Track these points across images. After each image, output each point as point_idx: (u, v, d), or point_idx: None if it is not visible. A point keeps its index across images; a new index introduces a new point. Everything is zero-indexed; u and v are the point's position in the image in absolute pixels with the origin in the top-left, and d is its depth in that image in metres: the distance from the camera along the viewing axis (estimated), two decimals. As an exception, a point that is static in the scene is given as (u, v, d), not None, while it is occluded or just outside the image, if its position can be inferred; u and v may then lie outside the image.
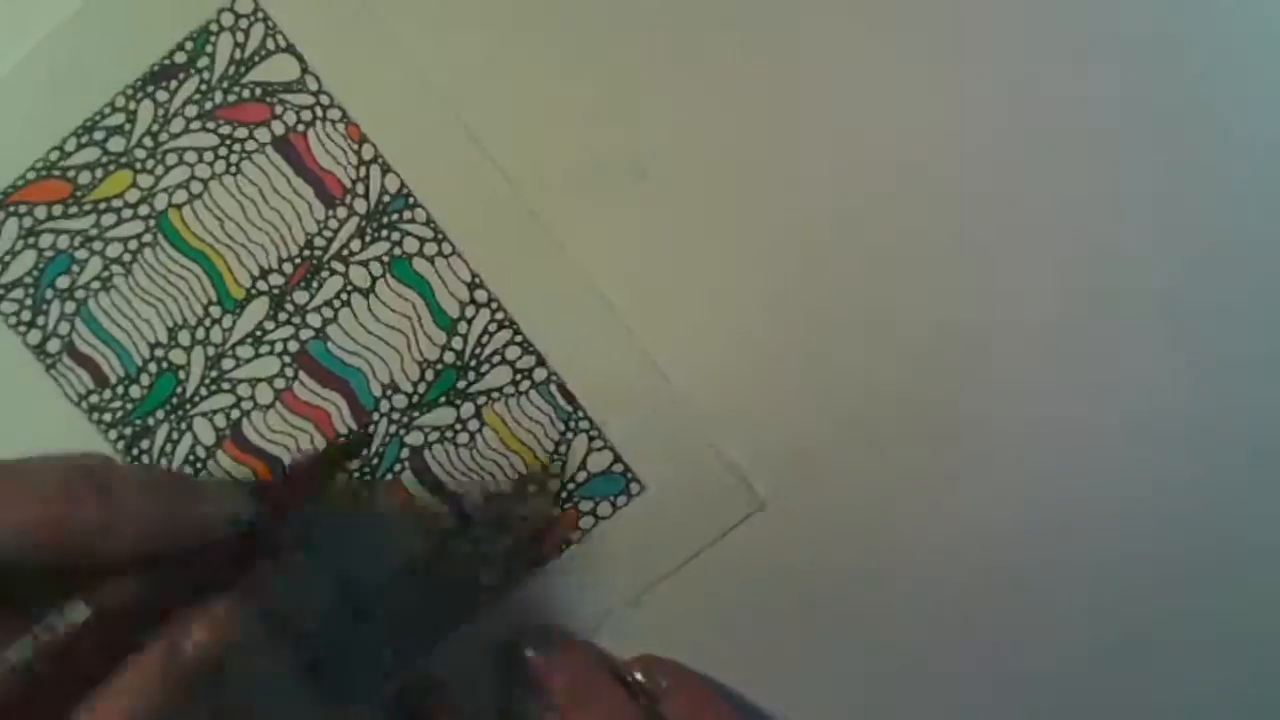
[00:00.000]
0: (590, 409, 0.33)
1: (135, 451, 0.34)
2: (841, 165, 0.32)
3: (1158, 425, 0.33)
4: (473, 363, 0.33)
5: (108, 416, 0.34)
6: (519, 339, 0.33)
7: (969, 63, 0.32)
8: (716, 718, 0.33)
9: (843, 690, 0.34)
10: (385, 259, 0.33)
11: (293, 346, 0.33)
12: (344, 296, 0.33)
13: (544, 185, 0.33)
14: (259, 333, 0.33)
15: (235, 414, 0.34)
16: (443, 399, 0.34)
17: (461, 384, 0.34)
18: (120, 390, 0.34)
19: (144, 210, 0.33)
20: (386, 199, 0.33)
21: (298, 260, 0.33)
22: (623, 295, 0.33)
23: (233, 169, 0.33)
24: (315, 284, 0.33)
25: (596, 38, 0.32)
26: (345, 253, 0.33)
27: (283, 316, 0.33)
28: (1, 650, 0.24)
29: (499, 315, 0.33)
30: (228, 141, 0.33)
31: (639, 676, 0.33)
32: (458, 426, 0.34)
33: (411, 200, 0.33)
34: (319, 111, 0.33)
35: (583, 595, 0.34)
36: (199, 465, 0.34)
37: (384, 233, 0.33)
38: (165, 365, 0.33)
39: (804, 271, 0.33)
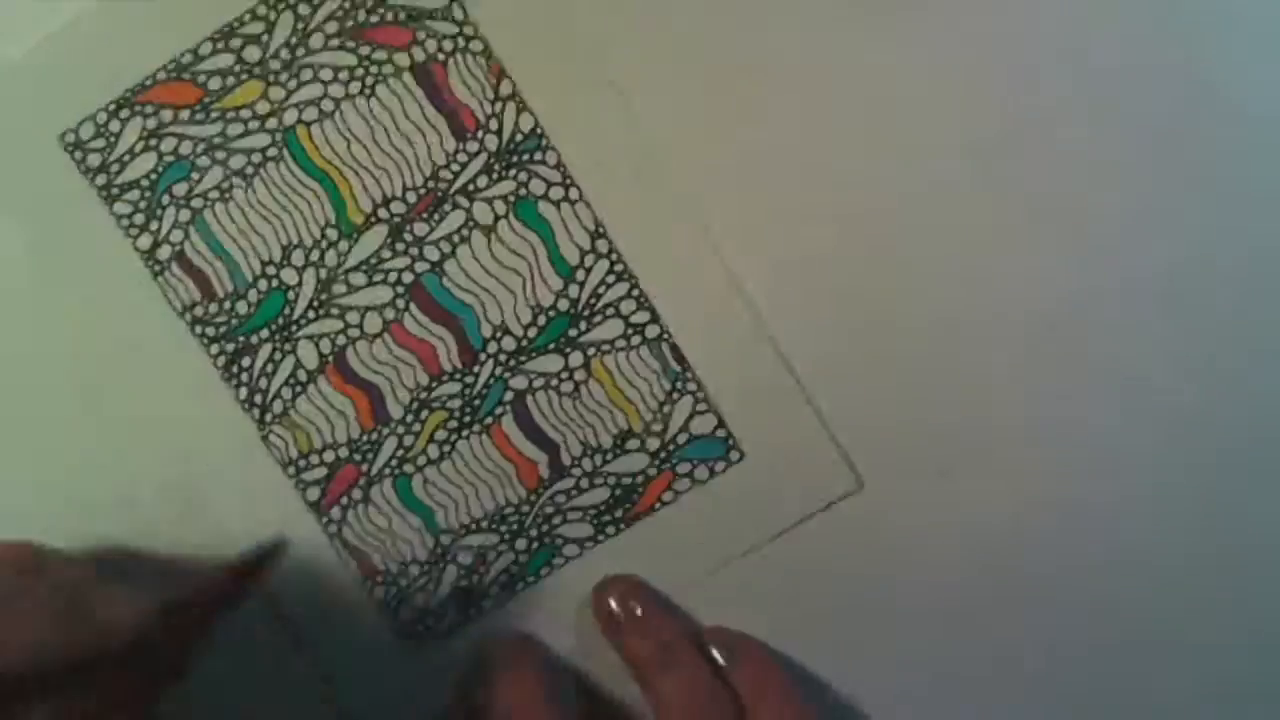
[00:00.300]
0: (699, 371, 0.33)
1: (235, 369, 0.33)
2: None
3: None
4: (586, 312, 0.33)
5: (210, 331, 0.33)
6: (635, 293, 0.33)
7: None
8: (781, 692, 0.33)
9: (917, 679, 0.34)
10: (510, 198, 0.33)
11: (407, 278, 0.33)
12: (464, 232, 0.33)
13: (684, 142, 0.32)
14: (374, 260, 0.33)
15: (341, 341, 0.33)
16: (552, 346, 0.33)
17: (573, 332, 0.33)
18: (227, 305, 0.33)
19: (272, 124, 0.33)
20: (519, 138, 0.33)
21: (422, 191, 0.33)
22: (748, 263, 0.33)
23: (367, 91, 0.32)
24: (437, 217, 0.33)
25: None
26: (471, 188, 0.33)
27: (400, 246, 0.33)
28: None
29: (618, 267, 0.33)
30: (365, 63, 0.32)
31: (711, 648, 0.33)
32: (564, 375, 0.33)
33: (544, 142, 0.33)
34: (461, 43, 0.32)
35: (671, 558, 0.34)
36: (299, 389, 0.33)
37: (512, 172, 0.33)
38: (275, 284, 0.33)
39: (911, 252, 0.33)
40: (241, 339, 0.33)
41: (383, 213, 0.33)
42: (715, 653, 0.33)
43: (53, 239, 0.33)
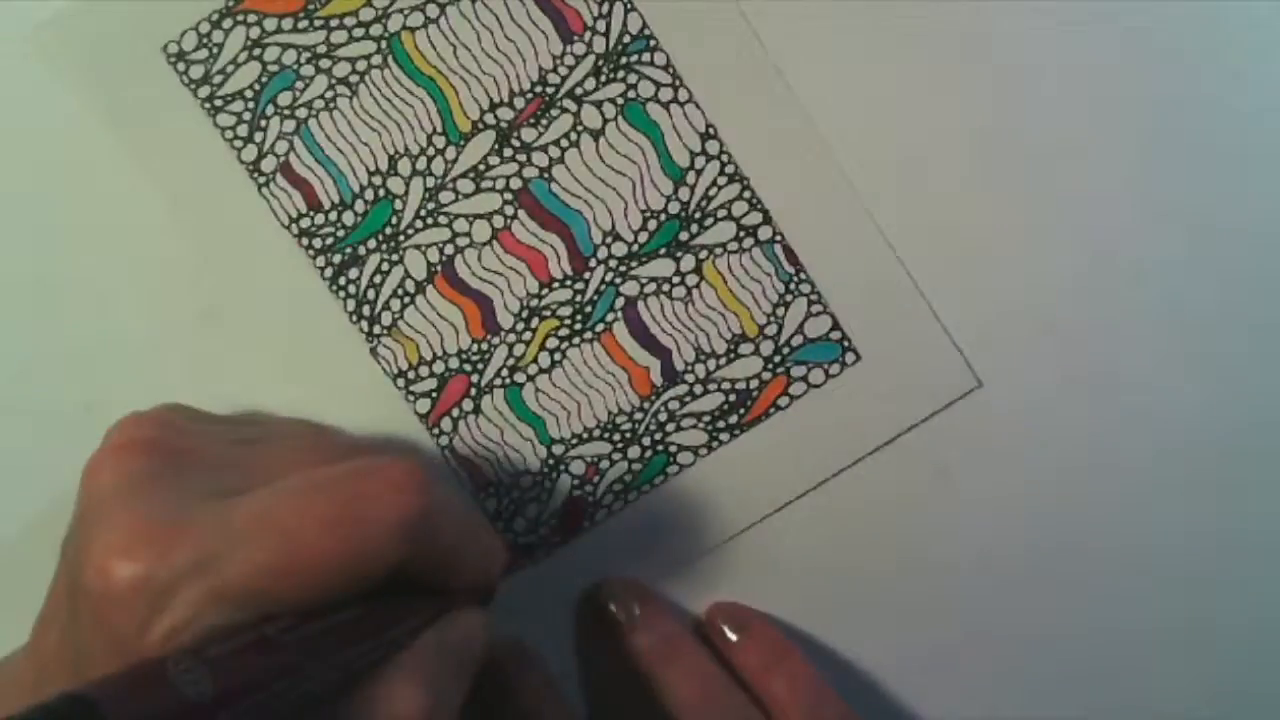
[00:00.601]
0: (812, 272, 0.33)
1: (342, 280, 0.33)
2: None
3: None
4: (697, 215, 0.33)
5: (317, 242, 0.33)
6: (747, 194, 0.33)
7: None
8: (793, 660, 0.32)
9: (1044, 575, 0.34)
10: (619, 101, 0.32)
11: (515, 185, 0.33)
12: (573, 137, 0.33)
13: (794, 39, 0.32)
14: (482, 167, 0.33)
15: (449, 250, 0.33)
16: (663, 250, 0.33)
17: (684, 236, 0.33)
18: (333, 216, 0.33)
19: (376, 30, 0.32)
20: (627, 39, 0.32)
21: (529, 96, 0.32)
22: (858, 161, 0.32)
23: (473, -6, 0.32)
24: (544, 122, 0.32)
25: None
26: (579, 92, 0.32)
27: (508, 153, 0.33)
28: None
29: (729, 169, 0.33)
30: (471, -34, 0.32)
31: (719, 623, 0.33)
32: (675, 280, 0.33)
33: (653, 43, 0.32)
34: (567, -57, 0.32)
35: (786, 463, 0.33)
36: (408, 300, 0.33)
37: (620, 74, 0.32)
38: (382, 193, 0.33)
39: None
40: (348, 250, 0.33)
41: (489, 119, 0.32)
42: (724, 628, 0.33)
43: (156, 153, 0.32)
